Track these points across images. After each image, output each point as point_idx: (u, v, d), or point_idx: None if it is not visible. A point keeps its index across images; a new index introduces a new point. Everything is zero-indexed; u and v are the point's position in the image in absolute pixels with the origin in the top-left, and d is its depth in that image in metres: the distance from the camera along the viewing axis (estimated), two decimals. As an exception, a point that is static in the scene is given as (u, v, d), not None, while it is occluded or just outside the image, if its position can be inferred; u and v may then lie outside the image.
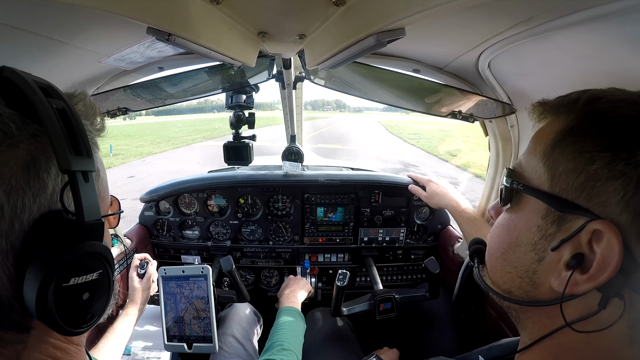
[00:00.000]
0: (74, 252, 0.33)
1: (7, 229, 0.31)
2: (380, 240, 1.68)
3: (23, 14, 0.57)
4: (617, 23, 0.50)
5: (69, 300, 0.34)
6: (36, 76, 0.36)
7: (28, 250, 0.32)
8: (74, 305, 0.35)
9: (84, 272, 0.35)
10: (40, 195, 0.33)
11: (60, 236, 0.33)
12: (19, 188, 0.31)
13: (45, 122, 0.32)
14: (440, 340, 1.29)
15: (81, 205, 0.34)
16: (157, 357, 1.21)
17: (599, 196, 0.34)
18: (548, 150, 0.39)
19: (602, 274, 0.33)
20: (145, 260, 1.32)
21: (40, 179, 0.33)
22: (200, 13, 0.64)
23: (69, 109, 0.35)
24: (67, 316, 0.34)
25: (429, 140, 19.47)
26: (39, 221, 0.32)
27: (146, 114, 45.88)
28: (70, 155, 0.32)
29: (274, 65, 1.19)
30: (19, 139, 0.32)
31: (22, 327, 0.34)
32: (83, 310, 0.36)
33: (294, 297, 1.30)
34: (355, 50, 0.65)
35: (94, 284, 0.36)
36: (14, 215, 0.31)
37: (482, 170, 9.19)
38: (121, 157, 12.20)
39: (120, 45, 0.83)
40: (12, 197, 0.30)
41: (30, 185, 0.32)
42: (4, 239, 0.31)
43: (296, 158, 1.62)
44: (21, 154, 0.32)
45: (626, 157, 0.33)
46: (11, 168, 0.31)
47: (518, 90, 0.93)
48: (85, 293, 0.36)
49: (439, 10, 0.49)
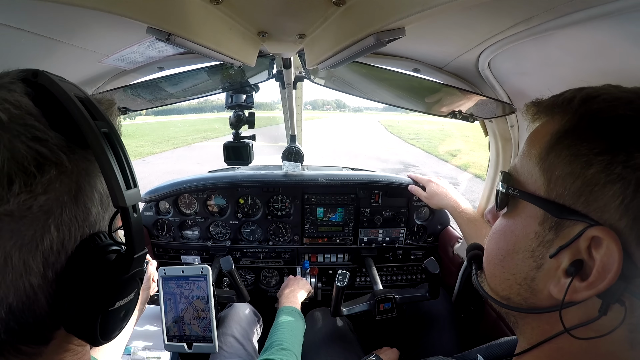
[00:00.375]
0: (123, 282, 0.34)
1: (54, 260, 0.30)
2: (380, 241, 1.68)
3: (23, 14, 0.57)
4: (618, 22, 0.50)
5: (111, 321, 0.35)
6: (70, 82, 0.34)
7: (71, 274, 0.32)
8: (114, 324, 0.36)
9: (126, 295, 0.36)
10: (85, 223, 0.33)
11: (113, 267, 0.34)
12: (68, 221, 0.31)
13: (98, 154, 0.30)
14: (440, 340, 1.29)
15: (133, 239, 0.33)
16: (157, 357, 1.21)
17: (597, 201, 0.33)
18: (543, 154, 0.39)
19: (602, 281, 0.32)
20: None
21: (86, 208, 0.32)
22: (200, 13, 0.64)
23: (113, 132, 0.33)
24: (106, 333, 0.35)
25: (429, 140, 19.48)
26: (80, 245, 0.32)
27: (146, 113, 45.84)
28: (124, 190, 0.31)
29: (274, 65, 1.19)
30: (71, 171, 0.30)
31: (46, 339, 0.34)
32: (119, 325, 0.38)
33: (293, 297, 1.30)
34: (355, 50, 0.65)
35: (130, 303, 0.38)
36: (61, 247, 0.31)
37: (482, 171, 9.19)
38: (121, 157, 12.18)
39: (120, 45, 0.83)
40: (61, 231, 0.30)
41: (77, 216, 0.31)
42: (51, 270, 0.30)
43: (296, 158, 1.62)
44: (70, 186, 0.31)
45: (624, 160, 0.32)
46: (63, 203, 0.30)
47: (518, 90, 0.93)
48: (124, 311, 0.37)
49: (439, 10, 0.49)
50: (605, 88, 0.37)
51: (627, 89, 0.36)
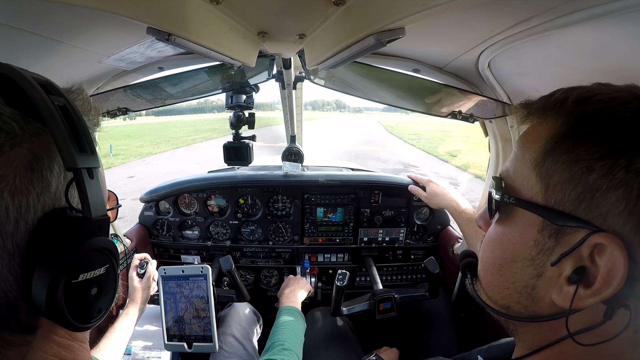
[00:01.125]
0: (82, 249, 0.34)
1: (13, 230, 0.30)
2: (380, 241, 1.68)
3: (23, 14, 0.57)
4: (618, 22, 0.50)
5: (78, 296, 0.34)
6: (34, 73, 0.35)
7: (34, 249, 0.32)
8: (83, 301, 0.35)
9: (91, 268, 0.35)
10: (44, 194, 0.33)
11: (68, 233, 0.33)
12: (23, 188, 0.31)
13: (48, 120, 0.32)
14: (440, 340, 1.29)
15: (88, 202, 0.34)
16: (157, 357, 1.21)
17: (599, 207, 0.32)
18: (539, 159, 0.37)
19: (608, 288, 0.32)
20: (145, 260, 1.32)
21: (43, 177, 0.32)
22: (200, 13, 0.64)
23: (70, 106, 0.35)
24: (76, 312, 0.34)
25: (429, 140, 19.48)
26: (43, 220, 0.32)
27: (146, 114, 45.93)
28: (75, 152, 0.32)
29: (274, 65, 1.19)
30: (21, 139, 0.31)
31: (29, 327, 0.33)
32: (92, 305, 0.36)
33: (294, 296, 1.30)
34: (355, 50, 0.65)
35: (102, 279, 0.36)
36: (19, 216, 0.31)
37: (482, 171, 9.19)
38: (121, 157, 12.21)
39: (120, 45, 0.83)
40: (16, 198, 0.30)
41: (34, 184, 0.32)
42: (10, 240, 0.30)
43: (296, 158, 1.62)
44: (24, 154, 0.31)
45: (626, 165, 0.31)
46: (15, 168, 0.30)
47: (518, 90, 0.93)
48: (94, 288, 0.36)
49: (439, 10, 0.49)
50: (597, 88, 0.36)
51: (620, 88, 0.35)
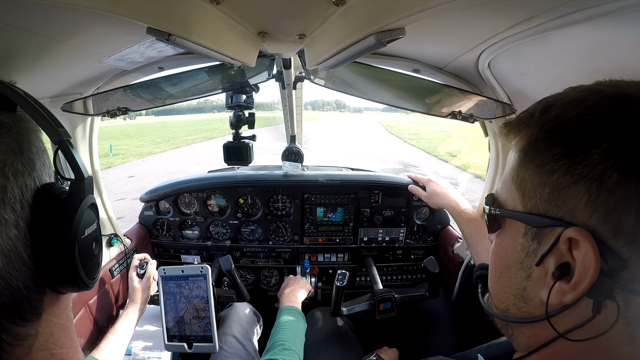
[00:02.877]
0: (83, 207, 0.38)
1: (21, 210, 0.33)
2: (380, 240, 1.68)
3: (23, 14, 0.57)
4: (618, 22, 0.50)
5: (86, 252, 0.39)
6: None
7: (38, 224, 0.34)
8: (90, 255, 0.40)
9: (90, 223, 0.40)
10: (33, 174, 0.35)
11: (69, 196, 0.37)
12: (21, 170, 0.33)
13: (27, 107, 0.37)
14: (440, 339, 1.29)
15: (78, 165, 0.39)
16: (157, 357, 1.21)
17: (566, 204, 0.34)
18: (515, 171, 0.41)
19: (584, 280, 0.33)
20: (145, 260, 1.32)
21: (29, 159, 0.35)
22: (200, 13, 0.64)
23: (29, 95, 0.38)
24: (88, 269, 0.39)
25: (429, 140, 19.48)
26: (36, 195, 0.35)
27: (146, 114, 45.99)
28: (57, 128, 0.39)
29: (274, 65, 1.19)
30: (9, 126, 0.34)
31: (37, 312, 0.35)
32: (95, 258, 0.41)
33: (294, 296, 1.30)
34: (355, 50, 0.65)
35: (96, 232, 0.42)
36: (22, 196, 0.33)
37: (482, 171, 9.19)
38: (121, 157, 12.21)
39: (120, 45, 0.83)
40: (18, 180, 0.33)
41: (25, 165, 0.34)
42: (21, 219, 0.33)
43: (296, 158, 1.62)
44: (11, 140, 0.34)
45: (582, 160, 0.32)
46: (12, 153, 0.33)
47: (518, 90, 0.93)
48: (94, 242, 0.41)
49: (439, 10, 0.49)
50: (564, 92, 0.38)
51: (585, 87, 0.37)
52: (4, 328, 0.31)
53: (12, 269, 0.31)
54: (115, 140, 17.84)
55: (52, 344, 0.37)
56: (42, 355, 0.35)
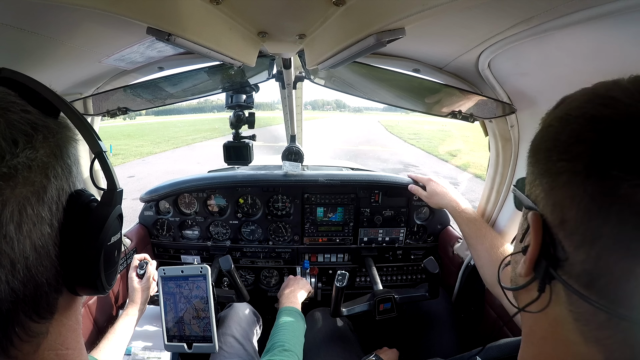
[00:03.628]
0: (113, 216, 0.40)
1: (56, 210, 0.35)
2: (380, 241, 1.68)
3: (23, 14, 0.57)
4: (618, 22, 0.51)
5: (109, 259, 0.40)
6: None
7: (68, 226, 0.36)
8: (111, 263, 0.41)
9: (116, 232, 0.42)
10: (70, 179, 0.38)
11: (101, 204, 0.40)
12: (60, 174, 0.35)
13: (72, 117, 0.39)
14: (440, 340, 1.29)
15: (113, 176, 0.41)
16: (157, 357, 1.21)
17: (533, 194, 0.39)
18: None
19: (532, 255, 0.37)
20: (145, 260, 1.32)
21: (66, 164, 0.37)
22: (200, 13, 0.64)
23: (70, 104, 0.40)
24: (108, 274, 0.41)
25: (429, 140, 19.49)
26: (70, 200, 0.37)
27: (146, 113, 45.97)
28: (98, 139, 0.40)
29: (274, 65, 1.19)
30: (55, 132, 0.36)
31: (52, 310, 0.36)
32: (115, 265, 0.43)
33: (294, 297, 1.30)
34: (355, 50, 0.65)
35: (119, 242, 0.44)
36: (58, 198, 0.35)
37: (482, 171, 9.19)
38: (121, 157, 12.21)
39: (120, 45, 0.83)
40: (58, 182, 0.35)
41: (64, 170, 0.37)
42: (55, 219, 0.35)
43: (296, 158, 1.62)
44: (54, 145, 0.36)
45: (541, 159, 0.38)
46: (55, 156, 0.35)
47: (518, 90, 0.93)
48: (116, 250, 0.43)
49: (439, 10, 0.49)
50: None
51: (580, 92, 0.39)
52: (20, 322, 0.33)
53: (39, 264, 0.33)
54: (115, 140, 17.84)
55: (59, 344, 0.38)
56: (47, 354, 0.36)
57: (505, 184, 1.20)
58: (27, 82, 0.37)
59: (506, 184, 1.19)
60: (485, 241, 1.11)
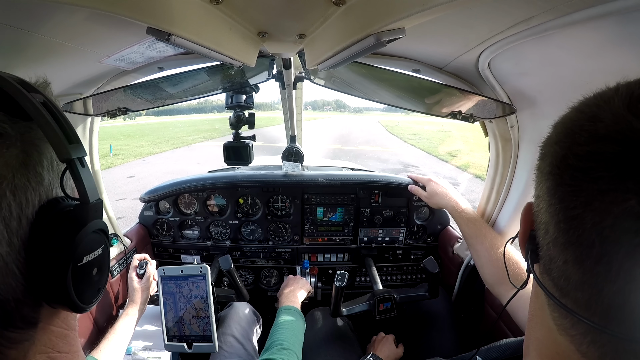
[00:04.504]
0: (84, 233, 0.36)
1: (17, 226, 0.32)
2: (380, 241, 1.68)
3: (23, 14, 0.57)
4: (618, 22, 0.50)
5: (83, 278, 0.37)
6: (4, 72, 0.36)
7: (36, 240, 0.33)
8: (88, 282, 0.38)
9: (92, 249, 0.38)
10: (39, 188, 0.34)
11: (70, 220, 0.35)
12: (21, 185, 0.32)
13: (37, 118, 0.33)
14: (440, 340, 1.29)
15: (84, 188, 0.36)
16: (157, 357, 1.21)
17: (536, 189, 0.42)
18: None
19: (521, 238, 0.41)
20: (145, 260, 1.32)
21: (37, 173, 0.34)
22: (200, 13, 0.64)
23: (49, 101, 0.36)
24: (82, 294, 0.36)
25: (429, 140, 19.48)
26: (40, 212, 0.34)
27: (146, 114, 45.99)
28: (66, 144, 0.35)
29: (274, 65, 1.19)
30: (15, 139, 0.33)
31: (32, 321, 0.34)
32: (94, 284, 0.39)
33: (293, 296, 1.30)
34: (355, 50, 0.65)
35: (100, 258, 0.40)
36: (21, 212, 0.32)
37: (482, 171, 9.19)
38: (121, 157, 12.21)
39: (120, 45, 0.83)
40: (17, 195, 0.32)
41: (30, 180, 0.33)
42: (15, 236, 0.32)
43: (296, 158, 1.62)
44: (17, 153, 0.33)
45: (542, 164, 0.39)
46: (13, 168, 0.32)
47: (518, 90, 0.93)
48: (95, 268, 0.39)
49: (439, 10, 0.49)
50: None
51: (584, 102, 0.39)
52: None
53: (2, 283, 0.31)
54: (115, 140, 17.84)
55: (49, 349, 0.37)
56: (39, 357, 0.35)
57: (505, 184, 1.20)
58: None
59: (506, 184, 1.19)
60: (485, 241, 1.11)
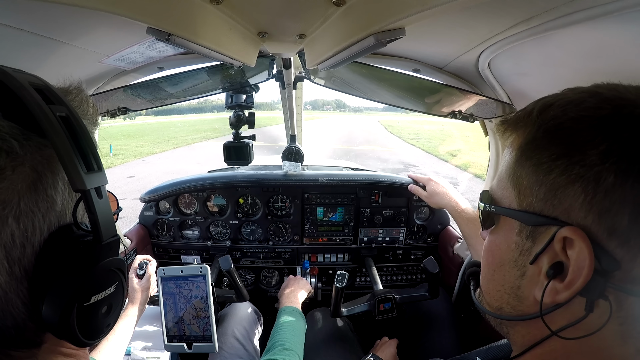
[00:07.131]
0: (94, 272, 0.32)
1: (20, 255, 0.29)
2: (380, 241, 1.68)
3: (23, 14, 0.57)
4: (618, 22, 0.50)
5: (89, 317, 0.33)
6: (29, 73, 0.32)
7: (42, 271, 0.30)
8: (94, 320, 0.34)
9: (103, 289, 0.34)
10: (50, 214, 0.31)
11: (80, 257, 0.32)
12: (28, 211, 0.29)
13: (52, 137, 0.29)
14: (439, 340, 1.29)
15: (98, 225, 0.32)
16: (157, 357, 1.21)
17: (562, 204, 0.34)
18: (511, 169, 0.41)
19: (578, 279, 0.33)
20: (145, 260, 1.32)
21: (48, 196, 0.30)
22: (200, 13, 0.64)
23: (72, 115, 0.32)
24: (87, 331, 0.33)
25: (429, 140, 19.48)
26: (49, 240, 0.31)
27: (146, 114, 45.96)
28: (83, 172, 0.30)
29: (274, 65, 1.19)
30: (24, 158, 0.29)
31: (35, 343, 0.33)
32: (101, 322, 0.36)
33: (294, 297, 1.29)
34: (355, 50, 0.65)
35: (112, 297, 0.36)
36: (25, 240, 0.29)
37: (482, 170, 9.19)
38: (121, 157, 12.20)
39: (120, 45, 0.83)
40: (22, 222, 0.29)
41: (39, 205, 0.30)
42: (17, 266, 0.29)
43: (296, 158, 1.62)
44: (27, 173, 0.29)
45: (580, 160, 0.33)
46: (19, 191, 0.28)
47: (518, 90, 0.93)
48: (104, 307, 0.35)
49: (439, 10, 0.49)
50: (562, 93, 0.38)
51: (583, 89, 0.37)
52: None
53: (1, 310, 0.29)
54: (115, 140, 17.85)
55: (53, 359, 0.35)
56: None
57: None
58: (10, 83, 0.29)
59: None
60: (485, 241, 1.11)
